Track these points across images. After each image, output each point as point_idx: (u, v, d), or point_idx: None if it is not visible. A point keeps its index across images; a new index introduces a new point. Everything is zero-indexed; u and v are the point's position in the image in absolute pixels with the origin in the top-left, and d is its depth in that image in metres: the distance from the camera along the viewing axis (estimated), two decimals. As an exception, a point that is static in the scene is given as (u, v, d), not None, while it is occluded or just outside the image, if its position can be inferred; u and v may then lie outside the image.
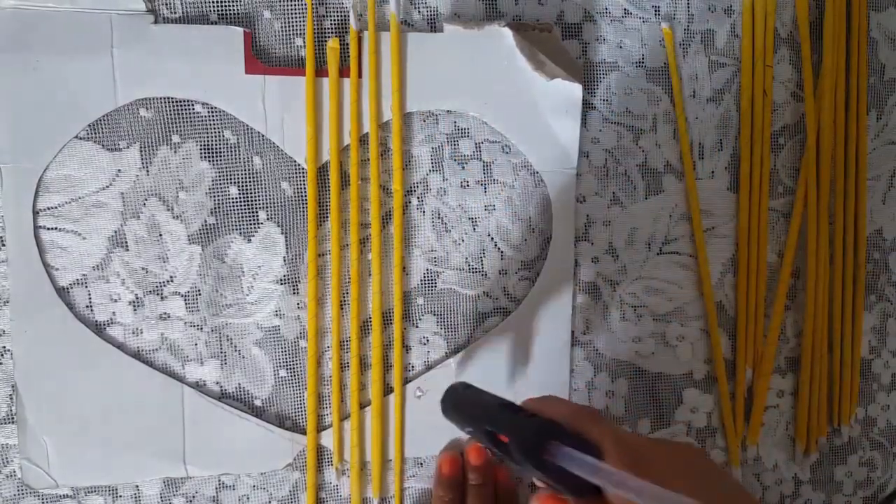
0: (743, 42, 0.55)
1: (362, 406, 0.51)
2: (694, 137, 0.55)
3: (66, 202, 0.47)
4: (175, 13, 0.47)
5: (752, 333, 0.57)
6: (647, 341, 0.56)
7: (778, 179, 0.57)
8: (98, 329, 0.48)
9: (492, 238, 0.53)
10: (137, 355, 0.49)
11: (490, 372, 0.53)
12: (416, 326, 0.52)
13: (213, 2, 0.48)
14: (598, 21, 0.53)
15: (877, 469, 0.62)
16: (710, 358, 0.57)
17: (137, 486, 0.50)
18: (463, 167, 0.52)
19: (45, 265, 0.47)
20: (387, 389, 0.52)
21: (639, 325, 0.56)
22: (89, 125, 0.47)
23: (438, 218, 0.52)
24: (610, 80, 0.53)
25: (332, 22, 0.49)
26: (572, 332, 0.54)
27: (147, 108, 0.47)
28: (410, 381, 0.52)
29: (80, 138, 0.47)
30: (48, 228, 0.47)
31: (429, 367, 0.53)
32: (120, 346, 0.48)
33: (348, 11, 0.49)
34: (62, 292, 0.47)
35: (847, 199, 0.57)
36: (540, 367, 0.54)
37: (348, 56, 0.49)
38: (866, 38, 0.57)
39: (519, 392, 0.53)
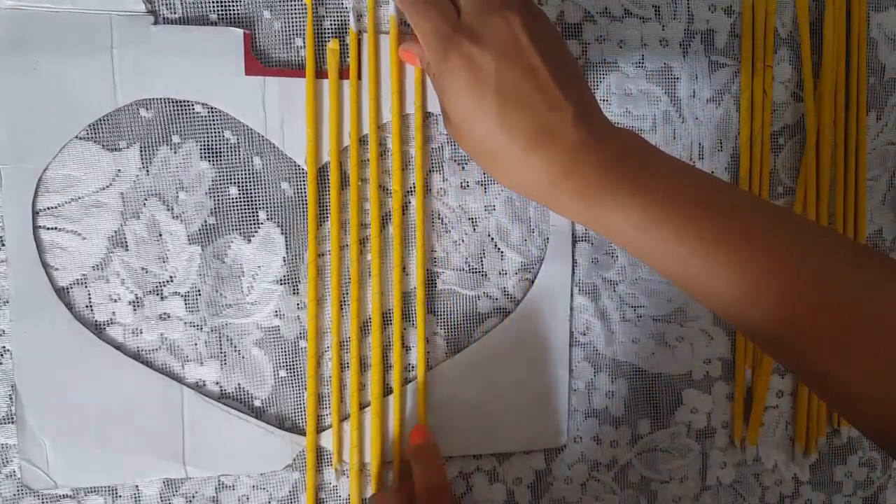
0: (743, 42, 0.56)
1: (362, 407, 0.52)
2: (694, 138, 0.56)
3: (66, 202, 0.48)
4: (175, 14, 0.48)
5: None
6: (646, 342, 0.57)
7: (778, 180, 0.58)
8: (98, 329, 0.49)
9: (491, 238, 0.54)
10: (137, 355, 0.49)
11: (490, 373, 0.54)
12: (416, 327, 0.53)
13: (212, 2, 0.48)
14: (599, 21, 0.54)
15: (876, 469, 0.63)
16: (709, 358, 0.58)
17: (137, 487, 0.50)
18: (463, 167, 0.53)
19: (45, 265, 0.48)
20: (386, 390, 0.53)
21: (638, 326, 0.57)
22: (89, 125, 0.47)
23: (438, 218, 0.53)
24: (610, 81, 0.54)
25: (332, 23, 0.50)
26: (571, 332, 0.55)
27: (147, 108, 0.48)
28: (410, 381, 0.53)
29: (80, 138, 0.47)
30: (48, 228, 0.47)
31: (429, 368, 0.53)
32: (119, 347, 0.49)
33: (348, 13, 0.50)
34: (62, 292, 0.48)
35: (847, 199, 0.58)
36: (539, 367, 0.55)
37: (348, 57, 0.50)
38: (866, 38, 0.58)
39: (517, 393, 0.54)
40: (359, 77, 0.50)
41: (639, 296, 0.56)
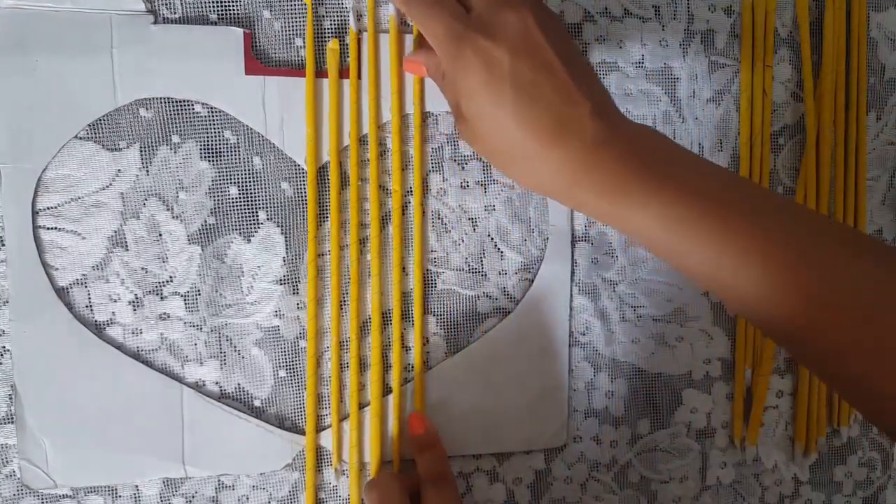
0: (743, 42, 0.56)
1: (361, 406, 0.52)
2: (694, 138, 0.56)
3: (66, 202, 0.48)
4: (175, 13, 0.48)
5: (751, 333, 0.58)
6: (646, 342, 0.57)
7: (778, 179, 0.59)
8: (98, 329, 0.49)
9: (491, 238, 0.54)
10: (137, 355, 0.50)
11: (489, 373, 0.54)
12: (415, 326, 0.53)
13: (212, 2, 0.49)
14: (599, 21, 0.54)
15: (876, 469, 0.63)
16: (709, 358, 0.59)
17: (137, 487, 0.51)
18: (463, 167, 0.53)
19: (45, 265, 0.48)
20: (386, 390, 0.53)
21: (638, 326, 0.57)
22: (89, 125, 0.48)
23: (438, 218, 0.53)
24: (610, 81, 0.54)
25: (332, 23, 0.50)
26: (571, 332, 0.56)
27: (147, 108, 0.48)
28: (409, 381, 0.53)
29: (80, 138, 0.48)
30: (48, 228, 0.48)
31: (428, 368, 0.54)
32: (119, 347, 0.49)
33: (348, 13, 0.50)
34: (62, 292, 0.48)
35: (847, 199, 0.59)
36: (538, 367, 0.55)
37: (348, 57, 0.50)
38: (866, 38, 0.58)
39: (517, 393, 0.54)
40: (359, 77, 0.50)
41: (638, 296, 0.57)
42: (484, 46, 0.41)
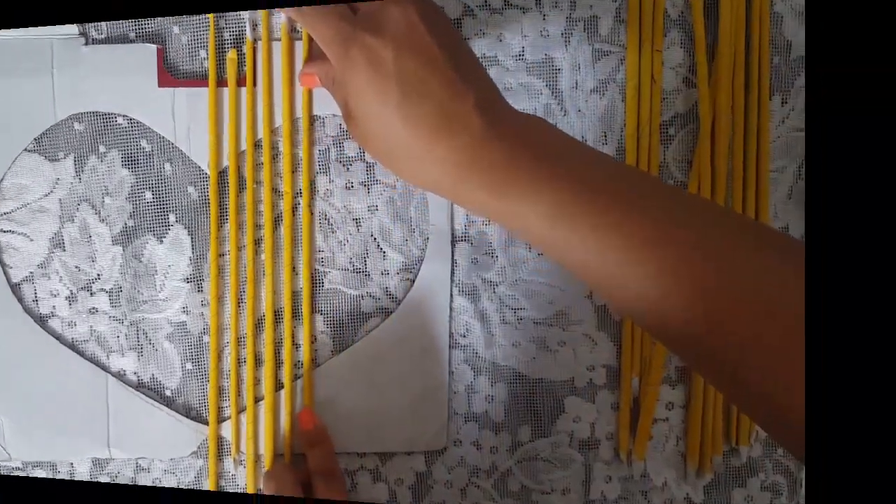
0: (629, 26, 0.59)
1: (257, 400, 0.61)
2: (577, 131, 0.59)
3: (18, 207, 0.61)
4: (101, 34, 0.60)
5: (638, 340, 0.60)
6: (527, 346, 0.61)
7: (668, 174, 0.60)
8: (41, 321, 0.62)
9: (374, 238, 0.61)
10: (72, 346, 0.62)
11: (372, 372, 0.61)
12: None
13: (131, 22, 0.60)
14: (478, 15, 0.59)
15: (781, 495, 0.62)
16: (592, 365, 0.61)
17: (72, 464, 0.63)
18: (348, 168, 0.61)
19: (2, 264, 0.62)
20: (279, 385, 0.61)
21: (519, 329, 0.61)
22: (35, 139, 0.61)
23: (325, 219, 0.61)
24: (490, 75, 0.59)
25: (231, 33, 0.60)
26: (451, 333, 0.61)
27: (80, 121, 0.61)
28: (300, 378, 0.62)
29: (29, 150, 0.61)
30: (4, 231, 0.61)
31: (317, 365, 0.62)
32: (58, 337, 0.62)
33: (245, 23, 0.60)
34: (15, 288, 0.62)
35: (747, 193, 0.58)
36: (419, 368, 0.61)
37: (245, 66, 0.60)
38: (769, 13, 0.58)
39: (399, 393, 0.61)
40: (255, 84, 0.60)
41: (519, 297, 0.60)
42: (370, 44, 0.45)
